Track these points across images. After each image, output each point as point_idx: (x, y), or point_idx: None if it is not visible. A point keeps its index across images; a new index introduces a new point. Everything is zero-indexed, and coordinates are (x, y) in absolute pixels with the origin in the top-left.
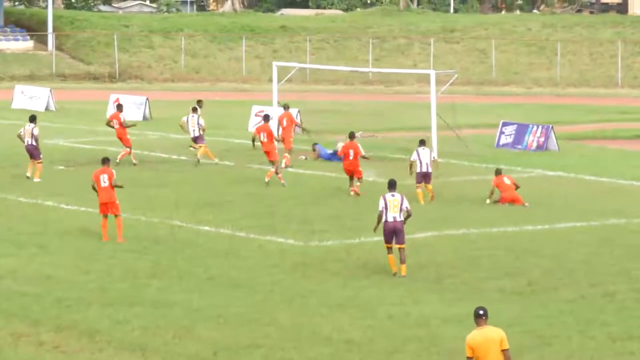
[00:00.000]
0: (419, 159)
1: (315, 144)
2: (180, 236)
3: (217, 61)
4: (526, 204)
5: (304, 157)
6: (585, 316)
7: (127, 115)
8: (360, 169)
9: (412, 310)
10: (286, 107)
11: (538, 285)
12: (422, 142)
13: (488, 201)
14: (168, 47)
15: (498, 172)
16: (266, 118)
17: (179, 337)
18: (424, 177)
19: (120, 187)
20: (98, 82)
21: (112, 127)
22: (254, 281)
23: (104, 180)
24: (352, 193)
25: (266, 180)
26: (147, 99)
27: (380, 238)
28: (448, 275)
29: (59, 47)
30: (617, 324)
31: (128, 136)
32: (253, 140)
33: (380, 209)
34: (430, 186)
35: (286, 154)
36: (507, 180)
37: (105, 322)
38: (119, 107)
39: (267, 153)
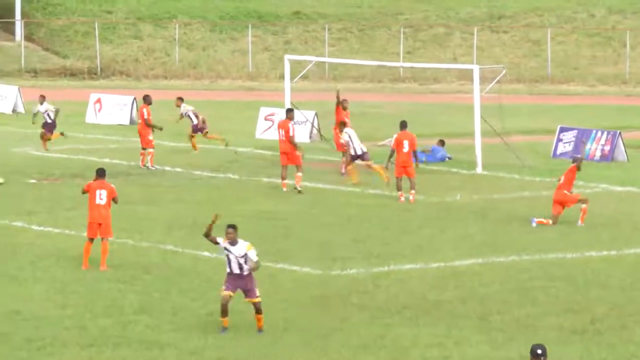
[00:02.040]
0: (351, 141)
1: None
2: (174, 264)
3: (217, 54)
4: (580, 223)
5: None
6: None
7: (112, 119)
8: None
9: (452, 353)
10: (340, 96)
11: (604, 324)
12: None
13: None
14: (159, 37)
15: None
16: (289, 112)
17: None
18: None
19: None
20: (76, 79)
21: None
22: (263, 318)
23: (101, 197)
24: (404, 199)
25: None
26: (135, 99)
27: (411, 266)
28: (496, 310)
29: (29, 37)
30: None
31: (150, 137)
32: None
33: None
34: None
35: (343, 158)
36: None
37: None
38: (146, 99)
39: (283, 155)
